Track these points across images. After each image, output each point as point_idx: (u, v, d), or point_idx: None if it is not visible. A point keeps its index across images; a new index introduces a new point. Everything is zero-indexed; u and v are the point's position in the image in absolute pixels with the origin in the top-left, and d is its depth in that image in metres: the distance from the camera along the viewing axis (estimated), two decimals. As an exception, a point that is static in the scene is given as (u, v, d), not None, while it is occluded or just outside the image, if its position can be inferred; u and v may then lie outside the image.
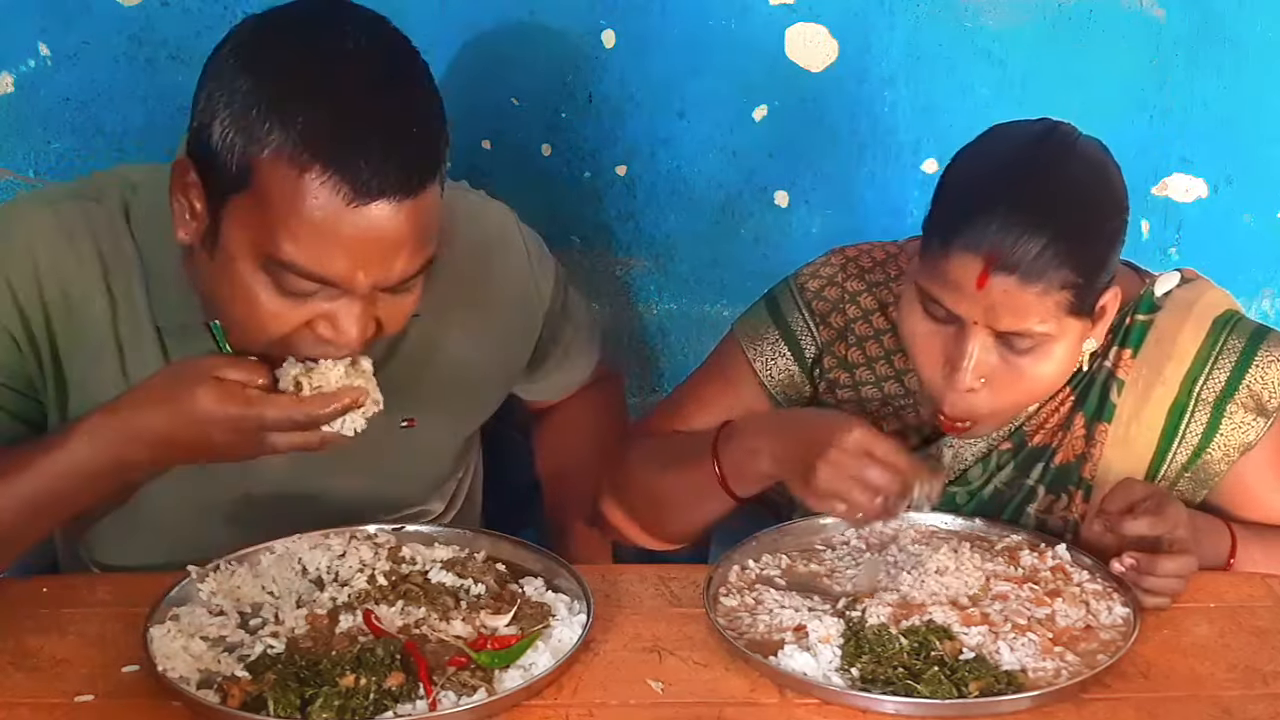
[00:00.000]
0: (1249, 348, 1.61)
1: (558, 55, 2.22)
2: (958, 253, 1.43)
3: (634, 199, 2.30)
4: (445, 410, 1.67)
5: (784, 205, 2.29)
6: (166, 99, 2.21)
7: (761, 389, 1.72)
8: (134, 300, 1.51)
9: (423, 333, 1.60)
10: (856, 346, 1.69)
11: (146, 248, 1.50)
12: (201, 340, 1.46)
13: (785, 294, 1.74)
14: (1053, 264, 1.41)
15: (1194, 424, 1.61)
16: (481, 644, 1.37)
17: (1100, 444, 1.62)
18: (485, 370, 1.70)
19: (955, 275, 1.44)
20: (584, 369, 1.88)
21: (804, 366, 1.71)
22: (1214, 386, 1.60)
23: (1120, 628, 1.43)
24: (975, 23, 2.18)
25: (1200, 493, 1.63)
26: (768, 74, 2.21)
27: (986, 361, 1.47)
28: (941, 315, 1.49)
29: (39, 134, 2.23)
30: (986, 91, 2.21)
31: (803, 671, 1.34)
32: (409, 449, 1.64)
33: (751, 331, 1.74)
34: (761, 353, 1.72)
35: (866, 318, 1.70)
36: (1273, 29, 2.16)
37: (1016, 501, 1.66)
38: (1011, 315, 1.44)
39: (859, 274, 1.71)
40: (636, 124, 2.26)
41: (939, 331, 1.50)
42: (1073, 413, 1.63)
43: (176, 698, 1.30)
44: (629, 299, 2.35)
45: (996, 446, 1.65)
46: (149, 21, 2.17)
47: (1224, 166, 2.24)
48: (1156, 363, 1.61)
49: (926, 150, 2.25)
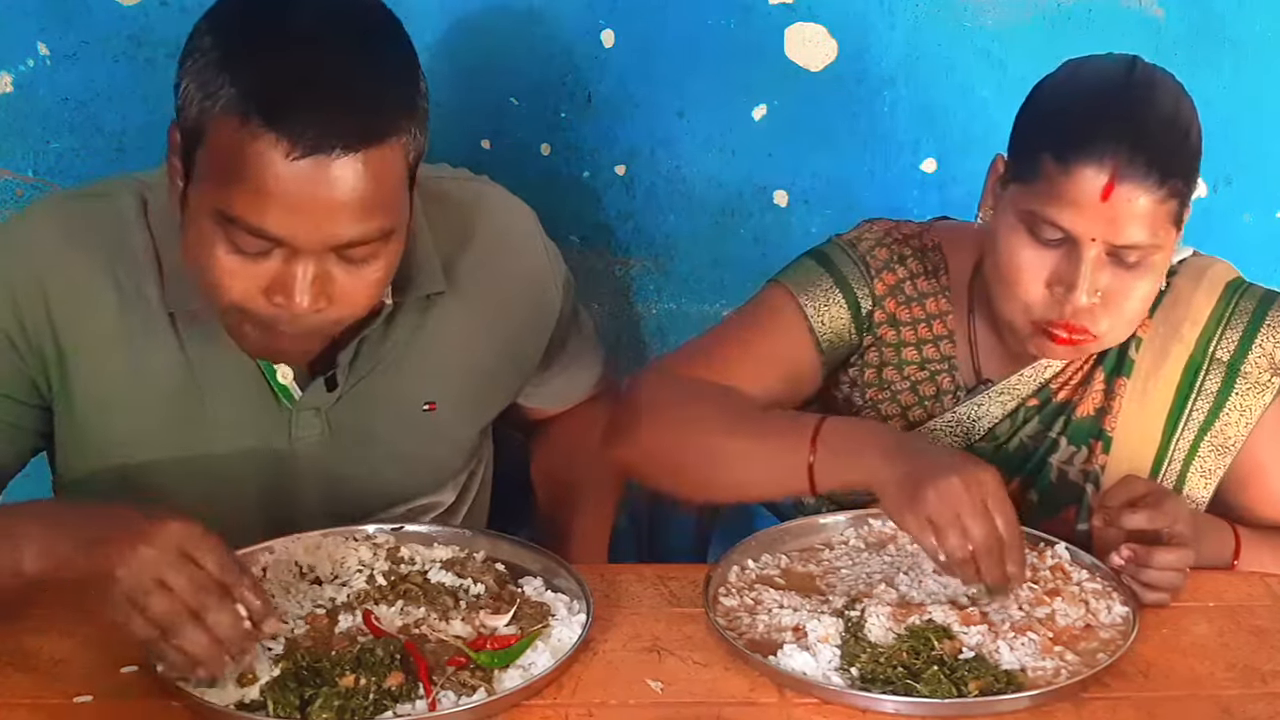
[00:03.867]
0: (1259, 310, 1.68)
1: (558, 55, 2.22)
2: (1079, 167, 1.49)
3: (633, 199, 2.30)
4: (464, 397, 1.67)
5: (784, 205, 2.29)
6: (166, 99, 2.17)
7: (809, 336, 1.72)
8: (145, 291, 1.51)
9: (444, 317, 1.61)
10: (905, 306, 1.74)
11: (163, 238, 1.50)
12: (214, 325, 1.47)
13: (834, 248, 1.76)
14: (1169, 171, 1.49)
15: (1209, 382, 1.67)
16: (481, 644, 1.37)
17: (1119, 397, 1.67)
18: (502, 361, 1.71)
19: (1076, 192, 1.49)
20: (585, 382, 1.88)
21: (857, 317, 1.73)
22: (1228, 347, 1.67)
23: (1120, 627, 1.43)
24: (975, 23, 2.18)
25: (1223, 463, 1.67)
26: (768, 74, 2.22)
27: (1100, 278, 1.53)
28: (1055, 237, 1.53)
29: (38, 134, 2.24)
30: (986, 91, 2.21)
31: (802, 671, 1.34)
32: (428, 435, 1.65)
33: (803, 278, 1.74)
34: (814, 298, 1.72)
35: (913, 280, 1.74)
36: (1273, 29, 2.17)
37: (1039, 454, 1.69)
38: (1133, 226, 1.50)
39: (902, 239, 1.76)
40: (636, 124, 2.26)
41: (1049, 255, 1.54)
42: (1093, 368, 1.69)
43: (176, 698, 1.29)
44: (629, 299, 2.35)
45: (1024, 403, 1.69)
46: (148, 21, 2.17)
47: (1224, 166, 2.25)
48: (1174, 323, 1.68)
49: (926, 150, 2.25)
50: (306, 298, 1.35)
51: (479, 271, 1.63)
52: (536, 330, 1.74)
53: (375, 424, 1.59)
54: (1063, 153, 1.50)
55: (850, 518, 1.66)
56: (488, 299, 1.65)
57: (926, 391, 1.73)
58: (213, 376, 1.54)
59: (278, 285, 1.35)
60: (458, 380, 1.65)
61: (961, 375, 1.73)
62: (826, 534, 1.64)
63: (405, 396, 1.61)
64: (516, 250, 1.70)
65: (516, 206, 1.73)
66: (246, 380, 1.54)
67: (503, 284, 1.67)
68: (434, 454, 1.70)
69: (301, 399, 1.56)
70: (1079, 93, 1.56)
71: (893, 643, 1.38)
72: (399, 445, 1.63)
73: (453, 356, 1.63)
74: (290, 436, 1.58)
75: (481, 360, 1.67)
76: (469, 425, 1.73)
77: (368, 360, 1.58)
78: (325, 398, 1.57)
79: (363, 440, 1.58)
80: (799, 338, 1.72)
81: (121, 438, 1.55)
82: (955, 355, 1.73)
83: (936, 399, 1.73)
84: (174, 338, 1.52)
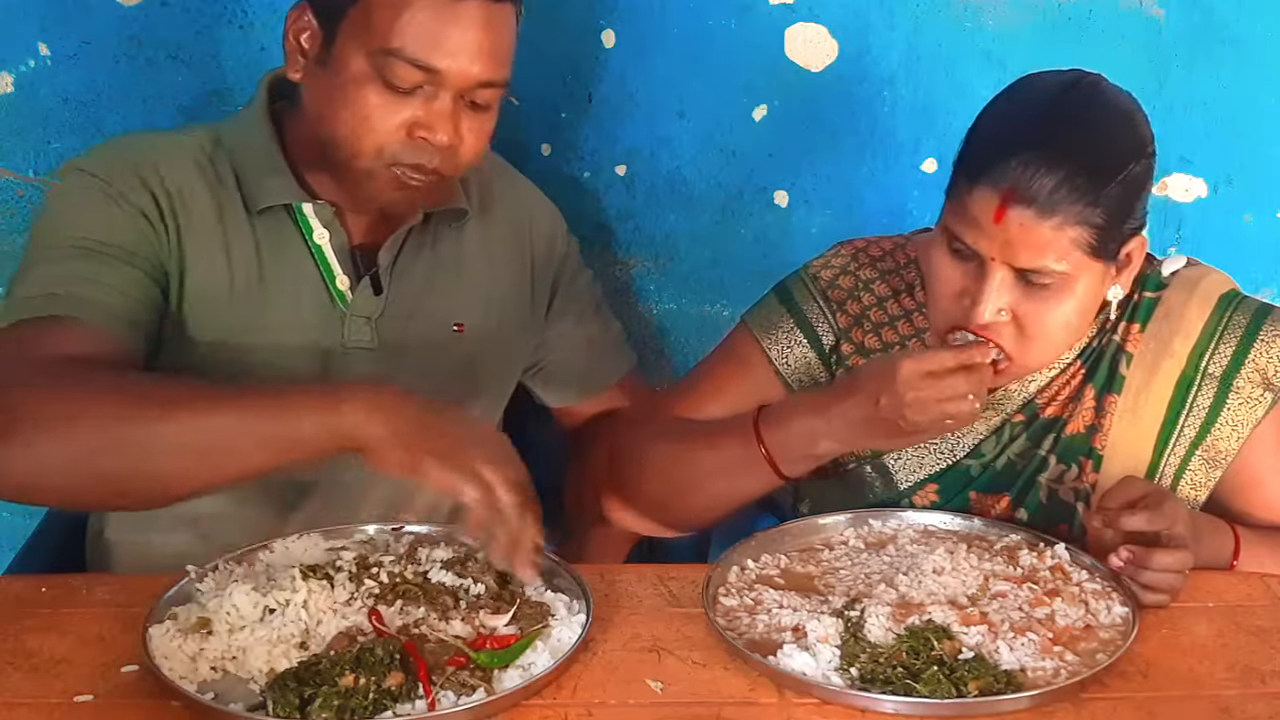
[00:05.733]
0: (1253, 324, 1.65)
1: (558, 55, 2.22)
2: (979, 189, 1.49)
3: (634, 199, 2.30)
4: (487, 323, 1.83)
5: (784, 205, 2.29)
6: (166, 99, 2.22)
7: (776, 377, 1.75)
8: (228, 197, 1.69)
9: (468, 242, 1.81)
10: (873, 333, 1.73)
11: (238, 155, 1.70)
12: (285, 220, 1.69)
13: (798, 284, 1.77)
14: (1068, 199, 1.46)
15: (1201, 397, 1.65)
16: (481, 644, 1.37)
17: (1110, 415, 1.66)
18: (517, 292, 1.87)
19: (976, 211, 1.50)
20: (609, 373, 1.95)
21: (821, 354, 1.74)
22: (1220, 361, 1.64)
23: (1119, 627, 1.43)
24: (975, 23, 2.18)
25: (1214, 475, 1.65)
26: (768, 74, 2.21)
27: (1004, 297, 1.52)
28: (965, 253, 1.54)
29: (39, 134, 2.24)
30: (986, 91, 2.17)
31: (802, 671, 1.34)
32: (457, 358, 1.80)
33: (764, 321, 1.77)
34: (776, 341, 1.75)
35: (881, 304, 1.74)
36: (1273, 29, 2.16)
37: (1029, 472, 1.68)
38: (1028, 250, 1.49)
39: (870, 263, 1.76)
40: (636, 124, 2.26)
41: (962, 270, 1.55)
42: (1083, 385, 1.67)
43: (176, 697, 1.30)
44: (629, 299, 2.35)
45: (1010, 419, 1.68)
46: (149, 21, 2.18)
47: (1224, 166, 2.24)
48: (1164, 337, 1.66)
49: (926, 150, 2.25)
50: (447, 132, 1.58)
51: (493, 203, 1.85)
52: (545, 264, 1.91)
53: (412, 339, 1.76)
54: (968, 171, 1.52)
55: (850, 517, 1.66)
56: (503, 227, 1.85)
57: None
58: (282, 277, 1.70)
59: (421, 122, 1.58)
60: (481, 305, 1.82)
61: None
62: (826, 534, 1.64)
63: (437, 315, 1.79)
64: (522, 189, 1.92)
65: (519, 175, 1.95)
66: (312, 283, 1.71)
67: (514, 215, 1.87)
68: (461, 380, 1.80)
69: (353, 301, 1.72)
70: (998, 114, 1.56)
71: (892, 643, 1.38)
72: (431, 362, 1.76)
73: (476, 280, 1.82)
74: (343, 339, 1.72)
75: (499, 286, 1.84)
76: (491, 354, 1.84)
77: (405, 277, 1.75)
78: (373, 304, 1.73)
79: (401, 353, 1.74)
80: (767, 380, 1.76)
81: (204, 328, 1.67)
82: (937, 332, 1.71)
83: None
84: (252, 240, 1.69)
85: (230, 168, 1.69)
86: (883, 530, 1.64)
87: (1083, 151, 1.48)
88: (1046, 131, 1.49)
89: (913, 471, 1.70)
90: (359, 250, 1.73)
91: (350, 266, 1.72)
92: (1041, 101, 1.53)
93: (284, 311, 1.70)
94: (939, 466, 1.69)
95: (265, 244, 1.69)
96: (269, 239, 1.69)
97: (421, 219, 1.74)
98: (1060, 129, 1.49)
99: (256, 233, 1.69)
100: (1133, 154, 1.51)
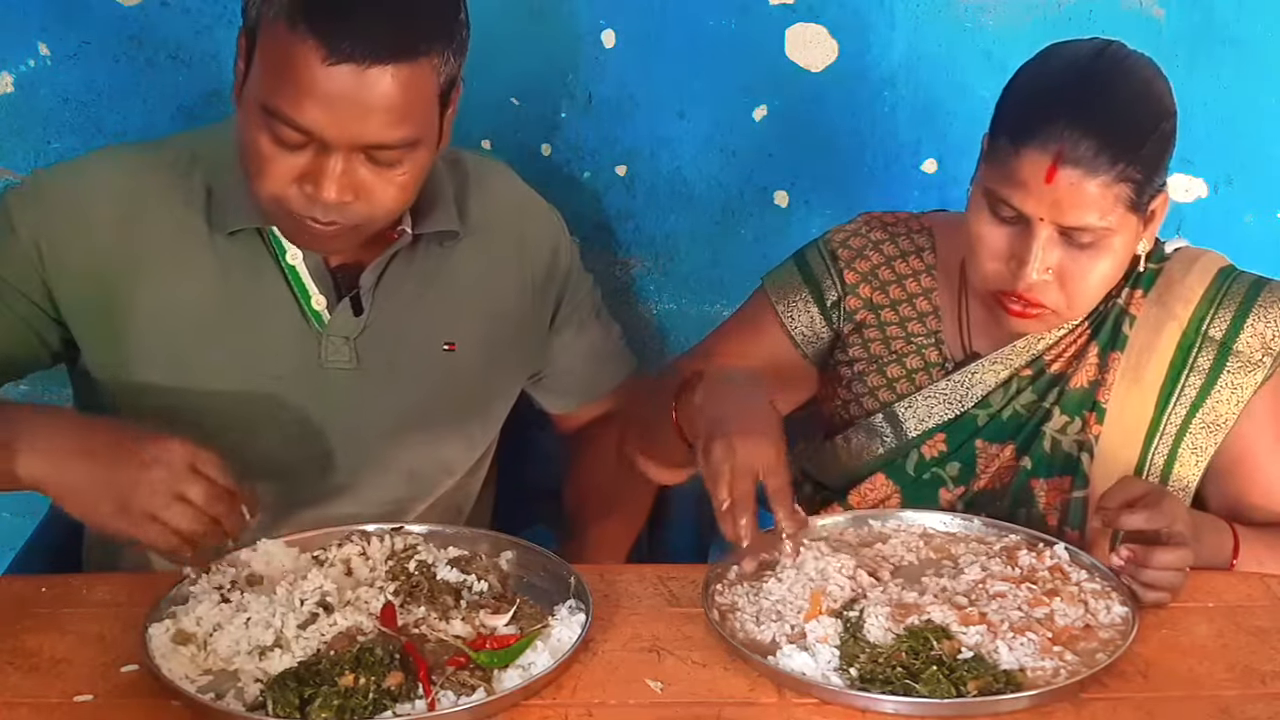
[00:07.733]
0: (1251, 292, 1.72)
1: (558, 55, 2.22)
2: (1028, 152, 1.55)
3: (634, 199, 2.30)
4: (482, 340, 1.78)
5: (784, 205, 2.29)
6: (166, 99, 2.22)
7: (786, 336, 1.84)
8: (194, 222, 1.64)
9: (461, 261, 1.74)
10: (881, 290, 1.82)
11: (211, 174, 1.65)
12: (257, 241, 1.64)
13: (812, 249, 1.87)
14: (1113, 157, 1.53)
15: (1201, 359, 1.70)
16: (481, 644, 1.37)
17: (1113, 370, 1.71)
18: (517, 308, 1.82)
19: (1025, 174, 1.55)
20: (609, 378, 1.94)
21: (823, 309, 1.82)
22: (1220, 326, 1.70)
23: (1119, 627, 1.43)
24: (975, 23, 2.18)
25: (1215, 440, 1.69)
26: (768, 74, 2.21)
27: (1051, 256, 1.58)
28: (1009, 215, 1.60)
29: (39, 134, 2.24)
30: (986, 92, 2.18)
31: (801, 671, 1.34)
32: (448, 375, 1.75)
33: (781, 283, 1.86)
34: (788, 303, 1.84)
35: (890, 263, 1.83)
36: (1273, 29, 2.16)
37: (1034, 422, 1.73)
38: (1076, 209, 1.55)
39: (882, 226, 1.86)
40: (636, 124, 2.26)
41: (1005, 231, 1.61)
42: (1088, 342, 1.73)
43: (176, 697, 1.30)
44: (629, 299, 2.35)
45: (1018, 373, 1.73)
46: (149, 21, 2.18)
47: (1224, 166, 2.25)
48: (1167, 302, 1.73)
49: (926, 150, 2.25)
50: (334, 189, 1.49)
51: (492, 220, 1.78)
52: (548, 279, 1.84)
53: (398, 358, 1.71)
54: (1014, 135, 1.57)
55: (850, 518, 1.66)
56: (502, 245, 1.79)
57: (913, 364, 1.79)
58: (252, 301, 1.66)
59: (309, 176, 1.50)
60: (475, 323, 1.77)
61: (949, 349, 1.79)
62: (826, 534, 1.64)
63: (426, 334, 1.73)
64: (524, 204, 1.86)
65: (520, 181, 1.89)
66: (283, 306, 1.66)
67: (515, 232, 1.81)
68: (452, 398, 1.77)
69: (330, 322, 1.67)
70: (1037, 77, 1.62)
71: (891, 643, 1.38)
72: (421, 381, 1.73)
73: (470, 299, 1.76)
74: (320, 359, 1.67)
75: (497, 304, 1.79)
76: (487, 372, 1.80)
77: (391, 297, 1.69)
78: (352, 324, 1.68)
79: (386, 373, 1.70)
80: (780, 340, 1.84)
81: (169, 356, 1.65)
82: (941, 330, 1.79)
83: (924, 370, 1.79)
84: (219, 264, 1.65)
85: (204, 186, 1.65)
86: (883, 530, 1.64)
87: (1123, 112, 1.56)
88: (1089, 94, 1.56)
89: (922, 420, 1.76)
90: (342, 271, 1.68)
91: (329, 286, 1.67)
92: (1079, 66, 1.59)
93: (250, 332, 1.66)
94: (948, 416, 1.75)
95: (235, 265, 1.65)
96: (239, 260, 1.65)
97: (410, 239, 1.68)
98: (1101, 91, 1.57)
99: (226, 253, 1.65)
100: (1162, 114, 1.59)
